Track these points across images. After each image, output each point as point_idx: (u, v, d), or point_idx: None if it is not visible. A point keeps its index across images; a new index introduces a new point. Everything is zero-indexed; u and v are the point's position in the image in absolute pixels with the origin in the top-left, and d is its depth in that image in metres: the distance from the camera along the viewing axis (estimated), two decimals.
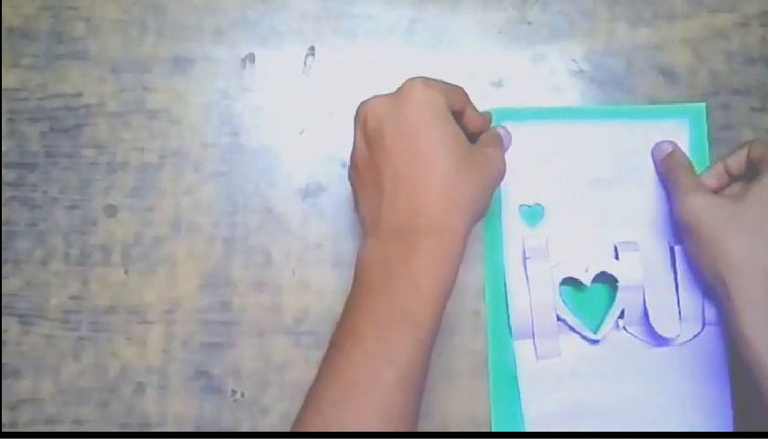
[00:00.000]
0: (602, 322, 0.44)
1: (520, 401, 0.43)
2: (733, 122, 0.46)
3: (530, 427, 0.43)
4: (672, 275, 0.44)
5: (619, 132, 0.46)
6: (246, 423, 0.44)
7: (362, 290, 0.35)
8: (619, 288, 0.43)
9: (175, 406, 0.44)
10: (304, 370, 0.44)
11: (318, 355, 0.44)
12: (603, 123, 0.46)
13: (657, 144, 0.45)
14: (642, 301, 0.43)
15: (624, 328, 0.44)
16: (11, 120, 0.48)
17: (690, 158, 0.44)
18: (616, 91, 0.47)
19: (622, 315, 0.44)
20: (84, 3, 0.49)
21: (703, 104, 0.46)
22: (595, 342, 0.44)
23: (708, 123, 0.46)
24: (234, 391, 0.44)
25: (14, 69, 0.48)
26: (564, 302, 0.44)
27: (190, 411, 0.44)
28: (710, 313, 0.43)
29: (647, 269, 0.43)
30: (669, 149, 0.44)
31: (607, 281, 0.44)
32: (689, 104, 0.46)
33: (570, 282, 0.44)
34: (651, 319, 0.43)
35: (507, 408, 0.43)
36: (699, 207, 0.41)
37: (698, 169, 0.44)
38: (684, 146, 0.45)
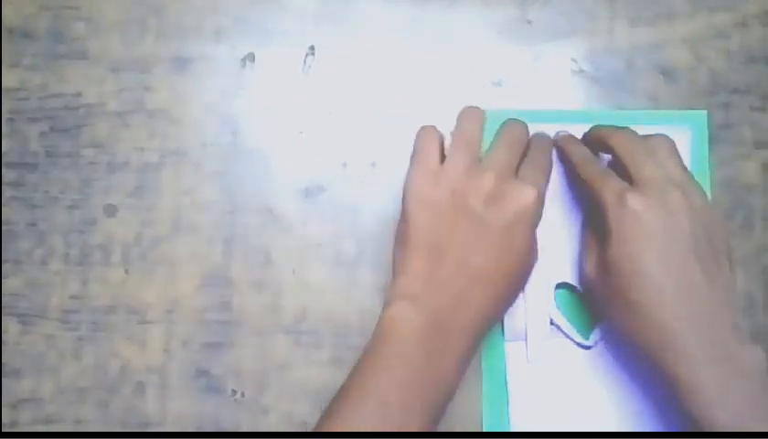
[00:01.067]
0: (594, 328, 0.43)
1: (509, 403, 0.43)
2: (733, 121, 0.46)
3: (517, 429, 0.42)
4: None
5: None
6: (246, 423, 0.44)
7: (391, 353, 0.36)
8: None
9: (175, 406, 0.44)
10: (304, 370, 0.44)
11: (318, 354, 0.44)
12: None
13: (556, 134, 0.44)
14: None
15: None
16: (11, 120, 0.48)
17: (690, 166, 0.42)
18: (616, 91, 0.47)
19: None
20: (84, 3, 0.49)
21: (705, 112, 0.46)
22: (587, 348, 0.43)
23: (708, 126, 0.46)
24: (234, 391, 0.44)
25: (14, 69, 0.48)
26: (558, 307, 0.44)
27: (190, 411, 0.44)
28: None
29: None
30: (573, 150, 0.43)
31: None
32: (691, 111, 0.46)
33: (565, 286, 0.44)
34: None
35: (498, 409, 0.43)
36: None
37: (697, 178, 0.40)
38: (685, 154, 0.42)
